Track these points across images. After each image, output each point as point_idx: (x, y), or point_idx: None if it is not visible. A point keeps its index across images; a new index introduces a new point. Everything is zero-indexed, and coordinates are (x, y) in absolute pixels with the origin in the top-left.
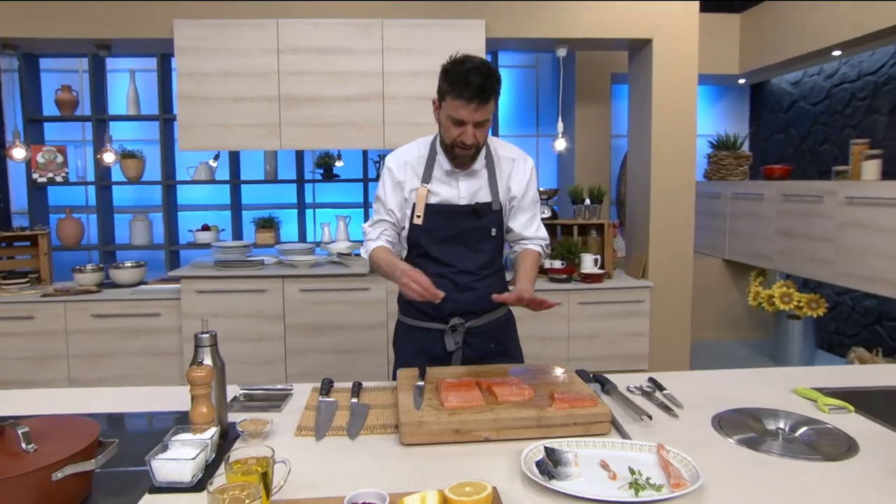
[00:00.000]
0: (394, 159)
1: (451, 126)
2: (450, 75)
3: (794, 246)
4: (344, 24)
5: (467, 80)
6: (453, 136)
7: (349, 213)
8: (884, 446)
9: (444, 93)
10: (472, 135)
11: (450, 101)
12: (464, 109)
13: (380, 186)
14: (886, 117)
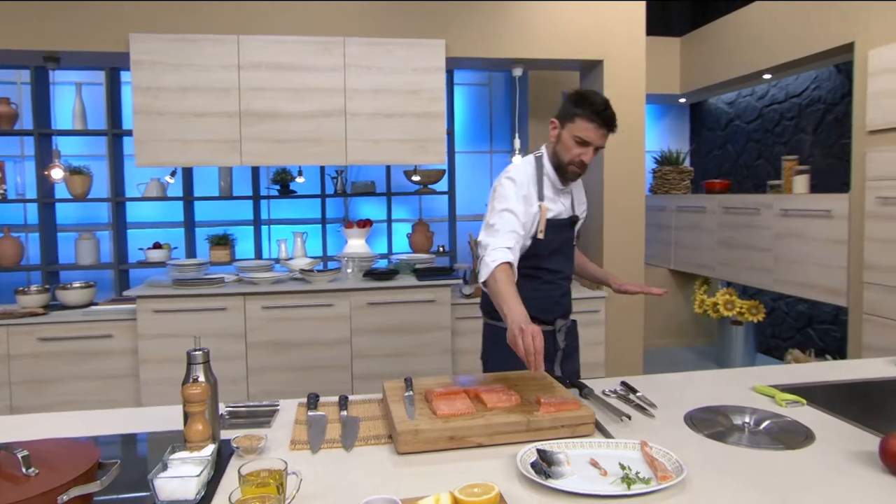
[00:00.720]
0: (517, 174)
1: (575, 146)
2: (587, 102)
3: (735, 256)
4: (305, 41)
5: (604, 109)
6: (573, 155)
7: (306, 229)
8: (836, 434)
9: (574, 115)
10: (591, 156)
11: (581, 123)
12: (594, 133)
13: (503, 200)
14: (811, 136)
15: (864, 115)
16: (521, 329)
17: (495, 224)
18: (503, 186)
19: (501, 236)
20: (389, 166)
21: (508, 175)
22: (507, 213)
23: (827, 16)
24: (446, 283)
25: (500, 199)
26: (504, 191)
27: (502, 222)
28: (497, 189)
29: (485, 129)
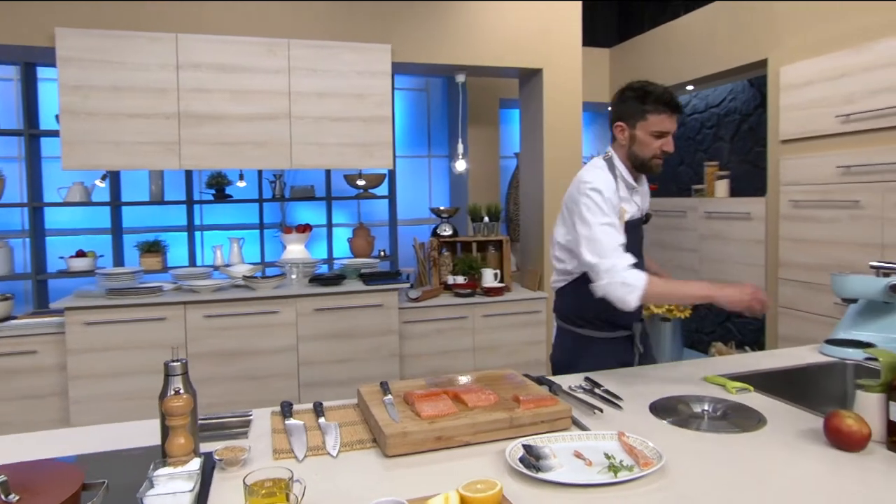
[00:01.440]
0: (599, 183)
1: (654, 140)
2: (651, 96)
3: (665, 256)
4: (248, 41)
5: (670, 98)
6: (655, 149)
7: (242, 234)
8: (783, 416)
9: (645, 112)
10: (672, 143)
11: (654, 118)
12: (668, 121)
13: (599, 213)
14: (729, 144)
15: (778, 126)
16: (751, 291)
17: (603, 240)
18: (592, 199)
19: (619, 255)
20: (330, 171)
21: (592, 186)
22: (609, 227)
23: (744, 35)
24: (393, 288)
25: (596, 213)
26: (596, 203)
27: (608, 238)
28: (583, 202)
29: (422, 134)
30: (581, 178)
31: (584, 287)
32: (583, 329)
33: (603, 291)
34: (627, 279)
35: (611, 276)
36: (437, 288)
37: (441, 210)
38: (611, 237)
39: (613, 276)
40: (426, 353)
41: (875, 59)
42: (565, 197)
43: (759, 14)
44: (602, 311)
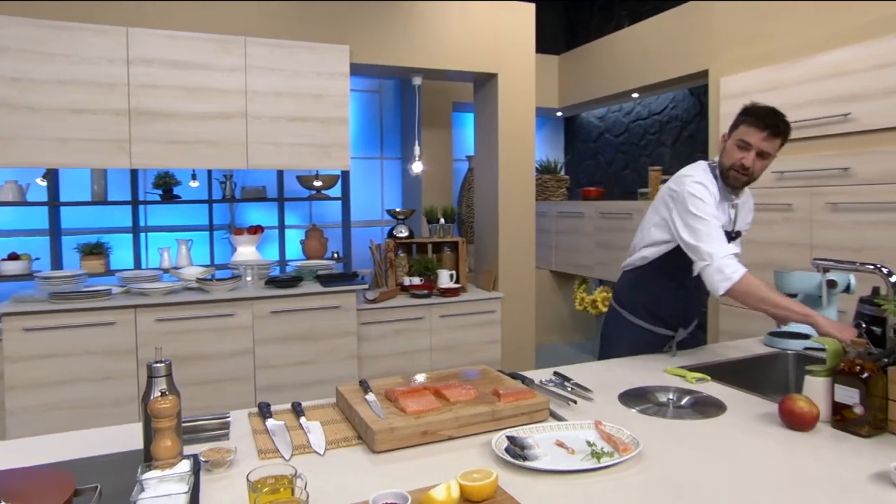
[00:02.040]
0: (704, 179)
1: (736, 150)
2: (751, 108)
3: (611, 256)
4: (203, 38)
5: (766, 114)
6: (735, 160)
7: (191, 236)
8: (740, 403)
9: (739, 123)
10: (752, 160)
11: (743, 128)
12: (754, 135)
13: (703, 205)
14: (670, 149)
15: (719, 134)
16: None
17: (703, 229)
18: (697, 190)
19: (720, 243)
20: (283, 171)
21: (696, 180)
22: (713, 219)
23: (687, 47)
24: (351, 289)
25: (699, 204)
26: (701, 194)
27: (710, 228)
28: (690, 193)
29: (375, 136)
30: (684, 172)
31: (647, 277)
32: (631, 315)
33: (700, 271)
34: (724, 267)
35: (711, 260)
36: (393, 289)
37: (397, 212)
38: (713, 226)
39: (713, 261)
40: (384, 354)
41: (805, 73)
42: (662, 190)
43: (700, 28)
44: (651, 305)
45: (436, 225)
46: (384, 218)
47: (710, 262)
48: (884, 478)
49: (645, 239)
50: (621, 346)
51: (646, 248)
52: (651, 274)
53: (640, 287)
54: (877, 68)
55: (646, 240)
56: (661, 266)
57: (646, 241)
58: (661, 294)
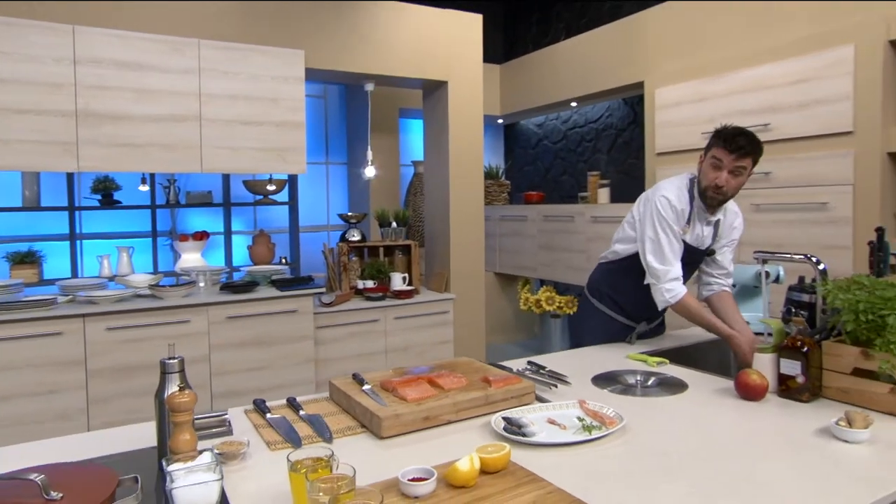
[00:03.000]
0: (672, 195)
1: (710, 170)
2: (721, 131)
3: (554, 257)
4: (154, 39)
5: (733, 136)
6: (709, 180)
7: (131, 243)
8: (698, 381)
9: (711, 144)
10: (725, 179)
11: (715, 149)
12: (724, 155)
13: (664, 221)
14: (606, 155)
15: (654, 141)
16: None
17: (662, 248)
18: (662, 206)
19: (673, 265)
20: (229, 176)
21: (664, 195)
22: (671, 238)
23: (624, 59)
24: (308, 293)
25: (662, 222)
26: (665, 213)
27: (669, 248)
28: (657, 207)
29: (320, 141)
30: (659, 185)
31: (618, 272)
32: (600, 304)
33: (650, 285)
34: (665, 292)
35: (658, 280)
36: (348, 293)
37: (349, 216)
38: (670, 247)
39: (659, 282)
40: (340, 357)
41: (731, 86)
42: (641, 196)
43: (636, 42)
44: (618, 297)
45: (387, 229)
46: (331, 223)
47: (656, 282)
48: (825, 432)
49: (620, 234)
50: (590, 332)
51: (619, 244)
52: (621, 269)
53: (610, 280)
54: (793, 84)
55: (620, 235)
56: (631, 263)
57: (620, 237)
58: (628, 288)
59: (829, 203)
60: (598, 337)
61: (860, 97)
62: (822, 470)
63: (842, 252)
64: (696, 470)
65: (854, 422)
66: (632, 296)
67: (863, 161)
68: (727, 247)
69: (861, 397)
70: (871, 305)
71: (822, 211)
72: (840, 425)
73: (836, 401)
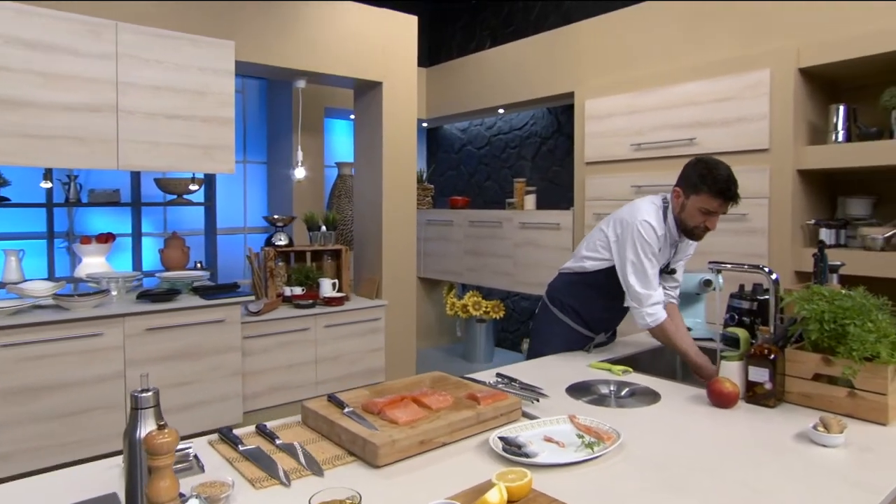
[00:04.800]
0: (655, 222)
1: (699, 214)
2: (711, 178)
3: (481, 262)
4: (65, 18)
5: (728, 187)
6: (698, 222)
7: (20, 245)
8: (670, 390)
9: (698, 188)
10: (716, 223)
11: (706, 198)
12: (718, 206)
13: (649, 246)
14: (530, 162)
15: (583, 150)
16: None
17: (646, 272)
18: (647, 231)
19: (656, 289)
20: (139, 173)
21: (647, 220)
22: (653, 262)
23: (554, 69)
24: (235, 301)
25: (644, 245)
26: (648, 237)
27: (652, 271)
28: (639, 231)
29: (237, 138)
30: (639, 207)
31: (583, 285)
32: (560, 313)
33: (630, 307)
34: (646, 315)
35: (640, 304)
36: (275, 300)
37: (275, 218)
38: (653, 270)
39: (642, 306)
40: (269, 369)
41: (660, 101)
42: (616, 217)
43: (567, 54)
44: (581, 309)
45: (316, 233)
46: (247, 225)
47: (638, 306)
48: (802, 437)
49: (590, 249)
50: (550, 340)
51: (589, 260)
52: (587, 283)
53: (573, 291)
54: (716, 102)
55: (591, 251)
56: (599, 279)
57: (590, 253)
58: (593, 302)
59: (748, 214)
60: (557, 345)
61: (775, 118)
62: (817, 475)
63: (758, 260)
64: (703, 483)
65: (830, 427)
66: (596, 309)
67: (777, 176)
68: (682, 261)
69: (822, 401)
70: (833, 315)
71: (741, 222)
72: (819, 430)
73: (798, 405)
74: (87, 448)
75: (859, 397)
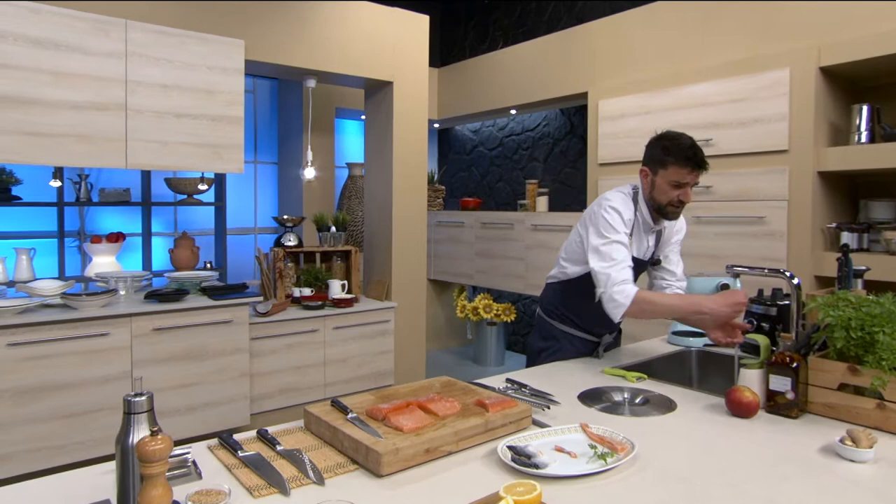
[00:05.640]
0: (621, 206)
1: (671, 189)
2: (675, 148)
3: (492, 265)
4: (74, 16)
5: (694, 153)
6: (672, 197)
7: (32, 244)
8: (686, 398)
9: (664, 161)
10: (689, 194)
11: (674, 169)
12: (688, 175)
13: (612, 230)
14: (543, 164)
15: (597, 151)
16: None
17: (609, 253)
18: (610, 215)
19: (619, 268)
20: (150, 173)
21: (613, 205)
22: (619, 244)
23: (567, 69)
24: (244, 302)
25: (609, 229)
26: (612, 220)
27: (617, 253)
28: (603, 216)
29: (248, 139)
30: (605, 196)
31: (571, 291)
32: (560, 324)
33: (600, 298)
34: (615, 294)
35: (605, 287)
36: (284, 301)
37: (285, 219)
38: (617, 252)
39: (607, 287)
40: (277, 370)
41: (675, 102)
42: (586, 211)
43: (580, 53)
44: (577, 316)
45: (326, 233)
46: (258, 225)
47: (604, 289)
48: (829, 451)
49: (569, 254)
50: (555, 353)
51: (570, 264)
52: (576, 288)
53: (565, 299)
54: (733, 102)
55: (570, 255)
56: (586, 281)
57: (570, 257)
58: (587, 306)
59: (765, 217)
60: (563, 356)
61: (795, 118)
62: (847, 493)
63: (777, 264)
64: (723, 497)
65: (859, 441)
66: (592, 313)
67: (796, 178)
68: (672, 251)
69: (848, 412)
70: (861, 322)
71: (759, 224)
72: (846, 444)
73: (822, 416)
74: (92, 449)
75: (889, 410)
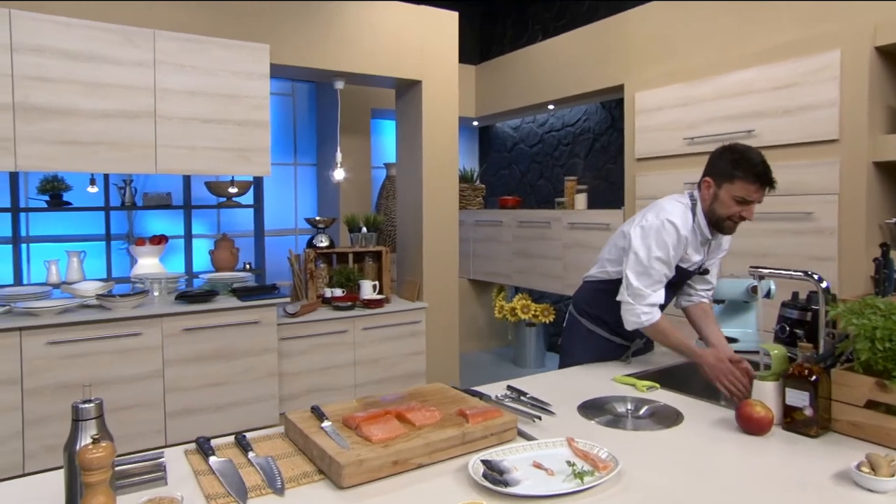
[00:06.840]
0: (680, 220)
1: (734, 204)
2: (745, 163)
3: (530, 264)
4: (104, 28)
5: (764, 170)
6: (733, 212)
7: (83, 247)
8: (695, 410)
9: (733, 176)
10: (752, 212)
11: (741, 184)
12: (756, 193)
13: (663, 247)
14: (583, 160)
15: (634, 146)
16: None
17: (650, 270)
18: (667, 231)
19: (655, 289)
20: (189, 177)
21: (671, 219)
22: (662, 263)
23: (603, 62)
24: (272, 303)
25: (661, 245)
26: (667, 237)
27: (657, 273)
28: (658, 230)
29: (287, 141)
30: (663, 206)
31: (607, 293)
32: (590, 324)
33: (621, 301)
34: (643, 315)
35: (635, 300)
36: (314, 302)
37: (317, 220)
38: (658, 271)
39: (636, 303)
40: (306, 371)
41: (713, 91)
42: (639, 214)
43: (616, 45)
44: (610, 318)
45: (357, 234)
46: (298, 227)
47: (632, 302)
48: (845, 477)
49: (612, 254)
50: (581, 353)
51: (611, 266)
52: (614, 289)
53: (600, 300)
54: (778, 89)
55: (612, 256)
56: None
57: (613, 257)
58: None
59: (814, 213)
60: (591, 357)
61: (846, 104)
62: None
63: (827, 264)
64: None
65: (879, 468)
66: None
67: (849, 170)
68: (715, 261)
69: (876, 433)
70: (888, 332)
71: (806, 221)
72: (863, 471)
73: (847, 435)
74: (126, 444)
75: None
